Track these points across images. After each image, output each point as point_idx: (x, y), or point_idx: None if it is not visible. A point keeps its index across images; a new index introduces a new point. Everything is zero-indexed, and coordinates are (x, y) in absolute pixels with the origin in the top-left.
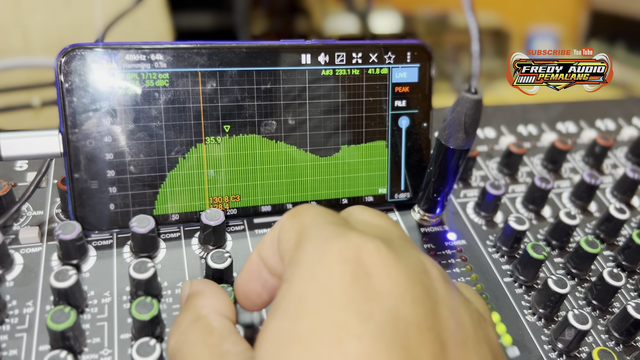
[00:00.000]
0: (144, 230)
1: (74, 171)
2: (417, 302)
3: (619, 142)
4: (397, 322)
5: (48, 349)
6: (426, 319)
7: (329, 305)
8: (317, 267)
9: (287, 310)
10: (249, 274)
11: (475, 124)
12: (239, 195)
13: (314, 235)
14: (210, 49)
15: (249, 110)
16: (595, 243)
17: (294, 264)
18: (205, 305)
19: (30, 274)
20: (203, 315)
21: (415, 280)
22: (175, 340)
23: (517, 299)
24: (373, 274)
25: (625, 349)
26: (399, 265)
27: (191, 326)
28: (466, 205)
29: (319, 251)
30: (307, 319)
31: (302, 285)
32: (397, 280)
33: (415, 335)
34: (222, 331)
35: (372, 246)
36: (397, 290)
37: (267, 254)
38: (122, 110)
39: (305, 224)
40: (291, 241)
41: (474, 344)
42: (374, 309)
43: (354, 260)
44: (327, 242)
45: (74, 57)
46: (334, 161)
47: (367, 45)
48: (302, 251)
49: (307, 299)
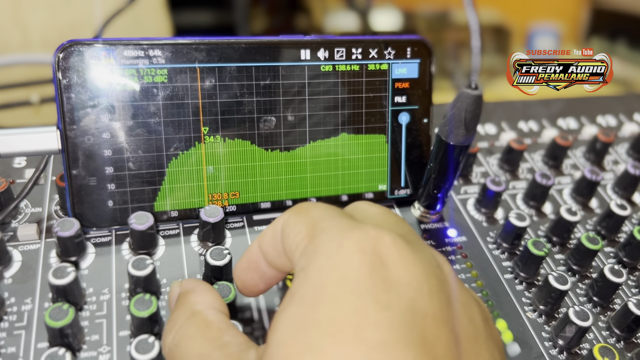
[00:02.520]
0: (143, 227)
1: (72, 168)
2: (433, 294)
3: (620, 138)
4: (415, 313)
5: (47, 346)
6: (441, 312)
7: (347, 294)
8: (335, 257)
9: (304, 297)
10: (248, 264)
11: (475, 120)
12: (238, 192)
13: (330, 227)
14: (208, 44)
15: (248, 107)
16: (596, 239)
17: (310, 254)
18: (199, 301)
19: (28, 271)
20: (198, 311)
21: (431, 273)
22: (172, 337)
23: (517, 295)
24: (390, 265)
25: (626, 346)
26: (415, 258)
27: (187, 322)
28: (467, 201)
29: (336, 241)
30: (325, 306)
31: (320, 274)
32: (414, 272)
33: (432, 327)
34: (220, 324)
35: (388, 238)
36: (414, 282)
37: (267, 249)
38: (121, 106)
39: (316, 217)
40: (302, 234)
41: (484, 339)
42: (392, 299)
43: (371, 251)
44: (344, 232)
45: (71, 52)
46: (333, 157)
47: (367, 41)
48: (318, 242)
49: (326, 287)
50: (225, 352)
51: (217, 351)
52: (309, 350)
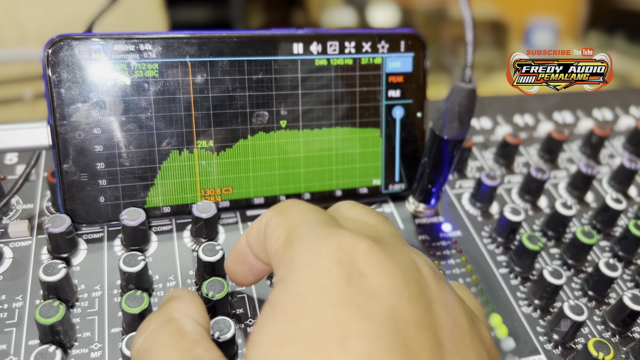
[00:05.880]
0: (135, 223)
1: (63, 163)
2: (413, 300)
3: (616, 132)
4: (396, 320)
5: (37, 343)
6: (423, 317)
7: (328, 305)
8: (314, 267)
9: (285, 310)
10: (237, 256)
11: (469, 114)
12: (231, 188)
13: (306, 235)
14: (200, 38)
15: (240, 101)
16: (591, 233)
17: (287, 264)
18: (178, 308)
19: (19, 268)
20: (174, 318)
21: (409, 278)
22: (143, 340)
23: (512, 290)
24: (368, 273)
25: (621, 340)
26: (392, 264)
27: (161, 327)
28: (461, 196)
29: (313, 250)
30: (307, 319)
31: (299, 285)
32: (393, 278)
33: (414, 333)
34: (194, 336)
35: (364, 246)
36: (394, 289)
37: (254, 244)
38: (111, 101)
39: (294, 222)
40: (280, 239)
41: (470, 340)
42: (373, 308)
43: (347, 261)
44: (320, 241)
45: (61, 47)
46: (327, 152)
47: (361, 34)
48: (295, 251)
49: (307, 299)
50: None
51: None
52: None
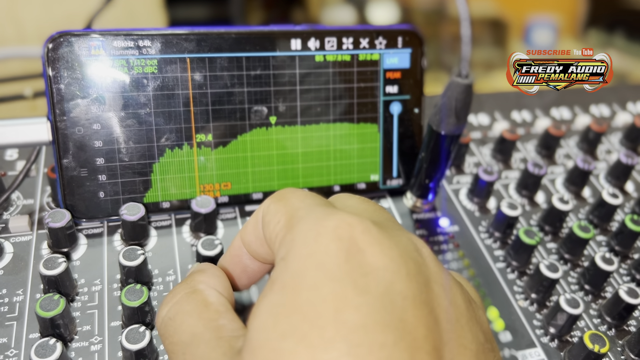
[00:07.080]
0: (134, 217)
1: (63, 159)
2: (411, 277)
3: (613, 128)
4: (393, 296)
5: (38, 336)
6: (420, 293)
7: (326, 280)
8: (313, 245)
9: (285, 284)
10: (231, 258)
11: (466, 109)
12: (230, 183)
13: (306, 216)
14: (198, 34)
15: (238, 97)
16: (587, 228)
17: (288, 243)
18: (203, 280)
19: (20, 263)
20: (199, 290)
21: (407, 257)
22: (168, 309)
23: (509, 284)
24: (366, 250)
25: (617, 333)
26: (391, 242)
27: (186, 297)
28: (459, 191)
29: (313, 229)
30: (305, 292)
31: (299, 262)
32: (391, 256)
33: (411, 309)
34: (219, 307)
35: (363, 225)
36: (391, 266)
37: (250, 239)
38: (111, 97)
39: (294, 206)
40: (281, 223)
41: (467, 321)
42: (369, 283)
43: (347, 237)
44: (320, 221)
45: (61, 43)
46: (325, 148)
47: (358, 31)
48: (296, 231)
49: (305, 275)
50: (218, 334)
51: (210, 332)
52: (289, 334)
